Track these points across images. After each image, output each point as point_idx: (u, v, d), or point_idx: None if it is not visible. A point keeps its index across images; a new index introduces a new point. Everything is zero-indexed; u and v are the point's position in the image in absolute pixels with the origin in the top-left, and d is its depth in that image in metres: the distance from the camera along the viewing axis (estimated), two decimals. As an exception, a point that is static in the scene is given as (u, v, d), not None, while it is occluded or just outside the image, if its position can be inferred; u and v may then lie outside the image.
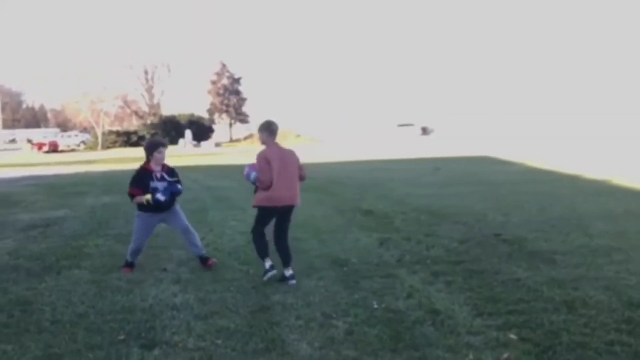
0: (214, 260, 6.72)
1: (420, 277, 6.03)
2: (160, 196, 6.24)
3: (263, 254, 6.10)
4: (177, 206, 6.67)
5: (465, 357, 4.03)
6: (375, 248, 7.48)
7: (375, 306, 5.14)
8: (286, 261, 6.03)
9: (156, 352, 4.23)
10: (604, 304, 5.05)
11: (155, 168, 6.41)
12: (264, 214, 6.15)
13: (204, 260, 6.62)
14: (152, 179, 6.35)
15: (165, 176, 6.42)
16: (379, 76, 62.70)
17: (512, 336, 4.37)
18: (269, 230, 6.24)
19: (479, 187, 14.14)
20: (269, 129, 6.11)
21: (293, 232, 8.59)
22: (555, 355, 4.03)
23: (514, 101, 52.25)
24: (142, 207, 6.43)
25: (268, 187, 5.90)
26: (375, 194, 13.14)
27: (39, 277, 6.33)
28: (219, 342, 4.39)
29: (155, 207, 6.35)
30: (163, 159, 6.48)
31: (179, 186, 6.46)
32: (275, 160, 5.90)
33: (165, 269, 6.57)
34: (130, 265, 6.57)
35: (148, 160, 6.44)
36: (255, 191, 6.21)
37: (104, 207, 11.94)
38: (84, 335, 4.56)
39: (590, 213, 9.82)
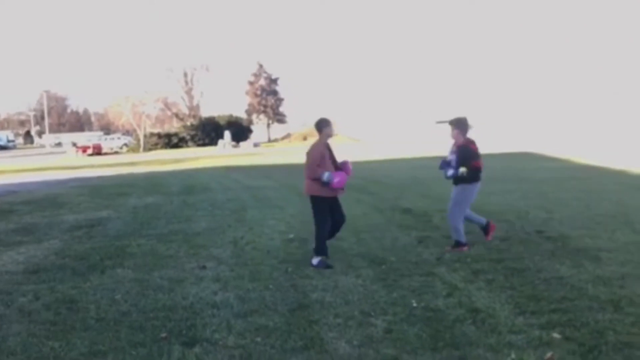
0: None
1: (461, 276, 5.95)
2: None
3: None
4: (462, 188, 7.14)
5: (507, 357, 3.96)
6: (415, 246, 7.42)
7: (415, 305, 5.10)
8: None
9: (197, 349, 4.29)
10: (653, 303, 4.89)
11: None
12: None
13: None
14: None
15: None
16: (417, 73, 62.18)
17: (556, 335, 4.27)
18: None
19: (521, 184, 13.87)
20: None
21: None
22: (600, 355, 3.92)
23: (558, 96, 51.05)
24: None
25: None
26: (414, 192, 13.03)
27: (84, 276, 6.50)
28: (259, 340, 4.43)
29: None
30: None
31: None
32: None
33: (204, 267, 6.65)
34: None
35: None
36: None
37: (146, 208, 12.17)
38: (127, 333, 4.66)
39: (638, 209, 9.52)
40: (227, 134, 54.58)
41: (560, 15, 77.69)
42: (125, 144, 61.92)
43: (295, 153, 37.16)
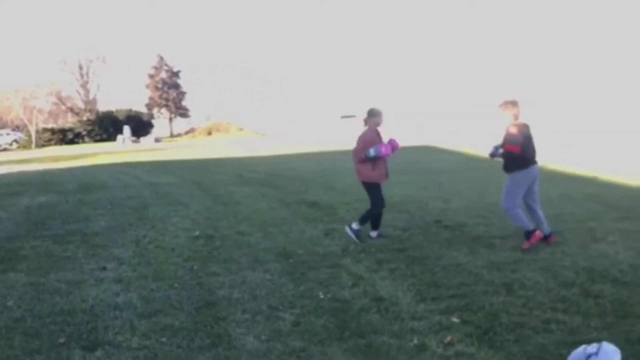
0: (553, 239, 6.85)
1: (365, 266, 6.10)
2: None
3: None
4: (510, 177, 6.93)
5: (409, 342, 4.11)
6: (321, 239, 7.52)
7: (322, 296, 5.18)
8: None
9: (99, 353, 4.13)
10: (541, 285, 5.25)
11: None
12: None
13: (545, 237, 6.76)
14: None
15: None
16: (321, 68, 62.84)
17: (455, 319, 4.49)
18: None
19: (421, 176, 14.42)
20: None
21: (237, 226, 8.59)
22: (495, 335, 4.16)
23: (454, 91, 53.36)
24: None
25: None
26: (319, 186, 13.19)
27: (-29, 282, 6.06)
28: (164, 340, 4.32)
29: None
30: None
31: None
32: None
33: (105, 268, 6.40)
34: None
35: None
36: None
37: (40, 207, 11.51)
38: (21, 340, 4.40)
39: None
40: (126, 129, 52.64)
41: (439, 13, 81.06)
42: (16, 140, 58.14)
43: (199, 148, 36.51)
